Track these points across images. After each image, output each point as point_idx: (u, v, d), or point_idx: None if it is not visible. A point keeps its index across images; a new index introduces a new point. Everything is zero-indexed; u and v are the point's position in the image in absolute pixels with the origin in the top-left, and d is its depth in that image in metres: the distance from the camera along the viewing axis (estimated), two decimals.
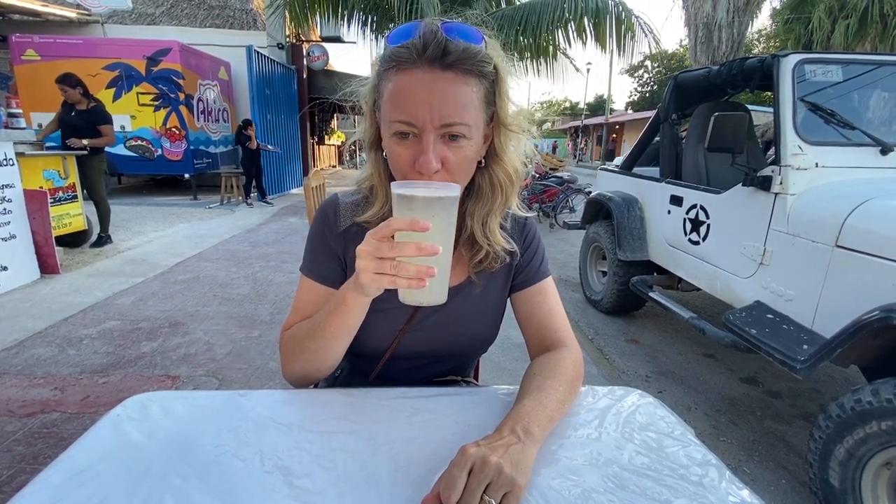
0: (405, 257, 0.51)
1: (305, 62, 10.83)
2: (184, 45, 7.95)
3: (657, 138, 3.23)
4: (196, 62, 8.34)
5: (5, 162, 3.31)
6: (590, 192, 4.12)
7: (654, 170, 3.24)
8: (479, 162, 0.69)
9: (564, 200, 6.67)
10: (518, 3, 7.32)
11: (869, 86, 2.12)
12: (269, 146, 7.87)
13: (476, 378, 1.03)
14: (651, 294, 2.79)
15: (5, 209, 3.25)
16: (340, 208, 0.77)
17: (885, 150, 1.94)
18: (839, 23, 9.50)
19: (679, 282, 2.90)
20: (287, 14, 7.16)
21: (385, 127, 0.63)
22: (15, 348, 2.43)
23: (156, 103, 7.94)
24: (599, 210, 3.51)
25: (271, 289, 3.52)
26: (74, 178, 4.21)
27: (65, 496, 0.47)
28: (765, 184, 2.01)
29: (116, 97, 7.79)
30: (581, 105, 36.88)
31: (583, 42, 7.05)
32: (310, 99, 11.16)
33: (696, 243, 2.50)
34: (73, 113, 4.26)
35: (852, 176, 1.91)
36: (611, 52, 7.10)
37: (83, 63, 7.53)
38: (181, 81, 7.88)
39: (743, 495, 0.51)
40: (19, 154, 3.48)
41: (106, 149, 4.49)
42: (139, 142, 8.03)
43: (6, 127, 3.85)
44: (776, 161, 1.98)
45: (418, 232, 0.50)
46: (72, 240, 4.26)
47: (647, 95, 32.91)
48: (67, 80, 4.20)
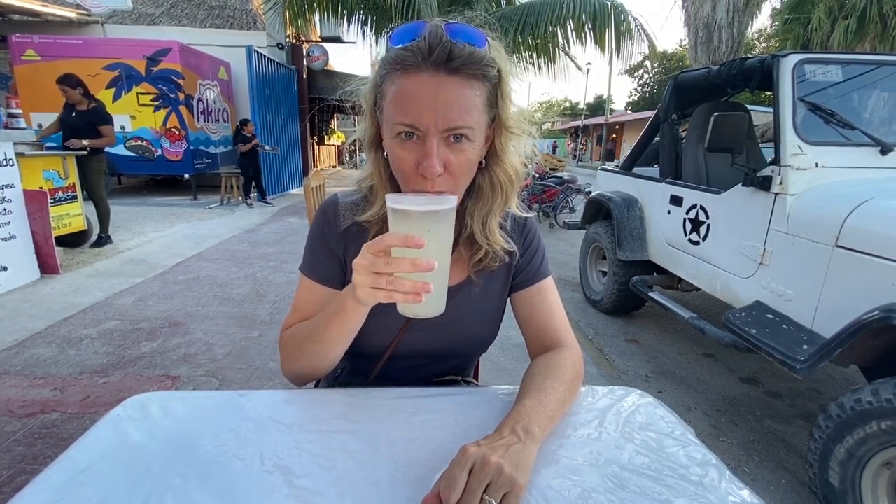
0: (401, 272, 0.51)
1: (305, 62, 10.83)
2: (184, 46, 7.95)
3: (657, 138, 3.23)
4: (196, 62, 8.34)
5: (5, 162, 3.31)
6: (590, 192, 4.12)
7: (654, 170, 3.24)
8: (480, 162, 0.69)
9: (564, 200, 6.67)
10: (518, 3, 7.33)
11: (869, 86, 2.12)
12: (267, 146, 7.83)
13: (476, 378, 1.03)
14: (651, 294, 2.79)
15: (5, 209, 3.25)
16: (340, 208, 0.77)
17: (885, 150, 1.94)
18: (839, 23, 9.50)
19: (679, 282, 2.90)
20: (286, 14, 7.16)
21: (388, 128, 0.63)
22: (15, 348, 2.43)
23: (156, 103, 7.94)
24: (599, 210, 3.51)
25: (271, 289, 3.52)
26: (74, 179, 4.21)
27: (65, 496, 0.47)
28: (765, 184, 2.01)
29: (116, 97, 7.79)
30: (581, 105, 36.88)
31: (582, 43, 7.07)
32: (310, 99, 11.16)
33: (696, 243, 2.50)
34: (74, 114, 4.25)
35: (852, 176, 1.91)
36: (610, 53, 7.10)
37: (83, 63, 7.53)
38: (181, 81, 7.88)
39: (743, 495, 0.51)
40: (19, 154, 3.48)
41: (106, 149, 4.48)
42: (139, 142, 8.03)
43: (6, 127, 3.85)
44: (776, 161, 1.98)
45: (417, 247, 0.50)
46: (72, 240, 4.26)
47: (647, 96, 32.91)
48: (68, 81, 4.19)
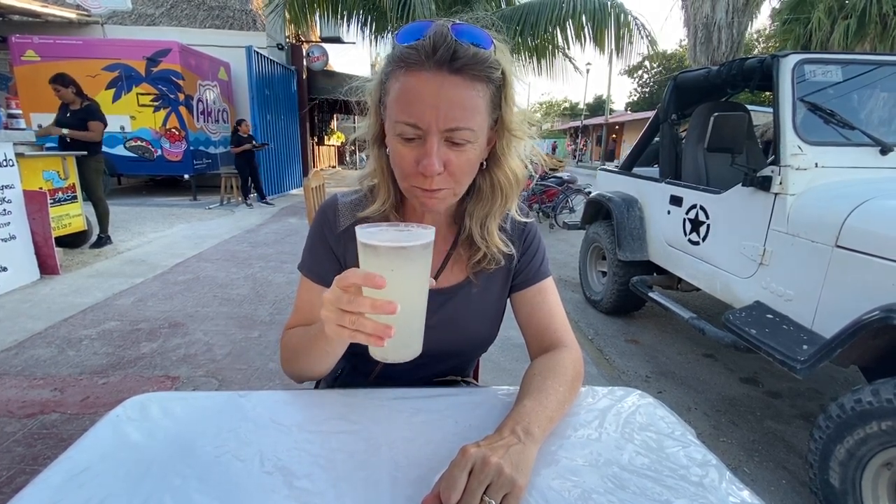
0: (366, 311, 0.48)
1: (305, 63, 10.84)
2: (183, 46, 7.95)
3: (657, 138, 3.23)
4: (196, 63, 8.34)
5: (5, 163, 3.30)
6: (589, 193, 4.12)
7: (654, 170, 3.24)
8: (481, 164, 0.69)
9: (564, 201, 6.67)
10: (518, 4, 7.34)
11: (868, 86, 2.12)
12: (255, 143, 7.69)
13: (476, 378, 1.03)
14: (651, 294, 2.79)
15: (5, 210, 3.25)
16: (340, 208, 0.77)
17: (885, 150, 1.94)
18: (838, 23, 9.50)
19: (679, 282, 2.90)
20: (286, 14, 7.16)
21: (390, 126, 0.63)
22: (14, 349, 2.43)
23: (155, 104, 7.94)
24: (599, 210, 3.51)
25: (271, 289, 3.52)
26: (74, 179, 4.20)
27: (64, 497, 0.47)
28: (764, 184, 2.01)
29: (116, 98, 7.79)
30: (581, 105, 36.89)
31: (581, 43, 7.07)
32: (310, 99, 11.16)
33: (696, 243, 2.50)
34: (68, 114, 4.27)
35: (852, 176, 1.91)
36: (609, 53, 7.11)
37: (83, 64, 7.53)
38: (181, 82, 7.88)
39: (743, 496, 0.51)
40: (19, 155, 3.48)
41: (105, 149, 4.49)
42: (139, 142, 8.03)
43: (6, 128, 3.85)
44: (776, 161, 1.98)
45: (377, 288, 0.47)
46: (71, 240, 4.25)
47: (647, 96, 32.92)
48: (60, 80, 4.20)
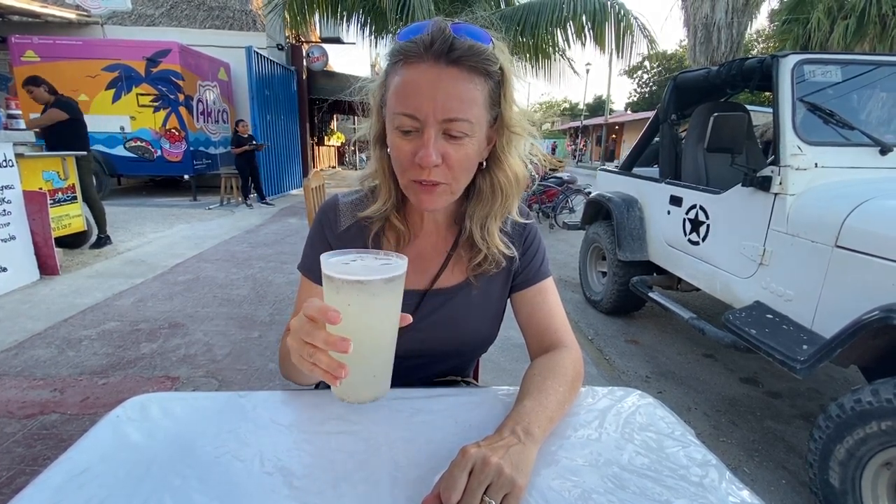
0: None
1: (305, 63, 10.83)
2: (183, 46, 7.95)
3: (657, 139, 3.23)
4: (196, 63, 8.34)
5: (5, 163, 3.30)
6: (589, 193, 4.12)
7: (654, 170, 3.24)
8: (481, 164, 0.69)
9: (564, 201, 6.67)
10: (517, 4, 7.34)
11: (868, 86, 2.12)
12: (254, 143, 7.69)
13: (476, 378, 1.03)
14: (651, 294, 2.79)
15: (5, 210, 3.25)
16: (340, 209, 0.77)
17: (885, 151, 1.94)
18: (838, 23, 9.50)
19: (679, 282, 2.90)
20: (286, 15, 7.16)
21: (389, 120, 0.63)
22: (14, 349, 2.43)
23: (155, 104, 7.93)
24: (599, 210, 3.51)
25: (271, 290, 3.52)
26: (74, 180, 4.20)
27: (65, 497, 0.47)
28: (764, 184, 2.01)
29: (116, 98, 7.79)
30: (580, 106, 36.90)
31: (582, 43, 7.07)
32: (310, 100, 11.16)
33: (696, 243, 2.50)
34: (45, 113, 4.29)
35: (852, 176, 1.91)
36: (610, 53, 7.11)
37: (83, 64, 7.54)
38: (181, 82, 7.88)
39: (743, 496, 0.51)
40: (19, 155, 3.48)
41: (105, 149, 4.49)
42: (139, 143, 8.03)
43: (6, 128, 3.85)
44: (775, 161, 1.98)
45: (331, 323, 0.44)
46: (71, 241, 4.25)
47: (647, 96, 32.93)
48: (32, 82, 4.26)
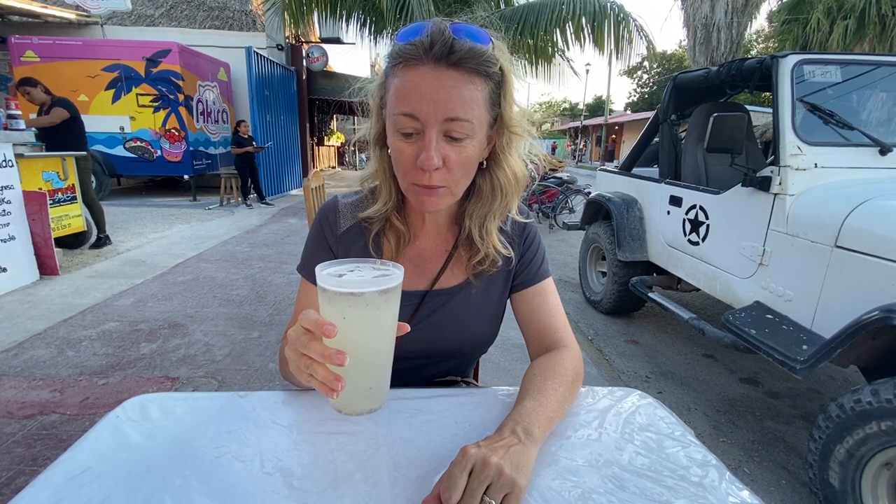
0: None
1: (305, 63, 10.83)
2: (183, 47, 7.95)
3: (656, 139, 3.23)
4: (195, 63, 8.34)
5: (4, 163, 3.30)
6: (589, 193, 4.12)
7: (654, 170, 3.24)
8: (481, 164, 0.69)
9: (564, 201, 6.67)
10: (517, 4, 7.34)
11: (867, 86, 2.12)
12: (255, 145, 7.70)
13: (476, 379, 1.03)
14: (650, 294, 2.79)
15: (4, 210, 3.25)
16: (340, 210, 0.77)
17: (884, 151, 1.94)
18: (837, 24, 9.52)
19: (678, 282, 2.90)
20: (285, 15, 7.16)
21: (390, 122, 0.63)
22: (14, 350, 2.42)
23: (155, 104, 7.94)
24: (599, 211, 3.51)
25: (271, 290, 3.52)
26: (74, 180, 4.20)
27: (64, 498, 0.47)
28: (764, 184, 2.01)
29: (116, 98, 7.79)
30: (580, 106, 36.92)
31: (581, 44, 7.08)
32: (309, 100, 11.15)
33: (696, 244, 2.50)
34: (41, 115, 4.29)
35: (851, 176, 1.92)
36: (609, 54, 7.12)
37: (82, 64, 7.54)
38: (180, 83, 7.88)
39: (743, 496, 0.51)
40: (18, 155, 3.48)
41: (106, 150, 4.50)
42: (138, 143, 8.03)
43: (5, 128, 3.84)
44: (775, 161, 1.98)
45: (327, 337, 0.44)
46: (71, 241, 4.25)
47: (646, 96, 32.93)
48: (28, 83, 4.26)
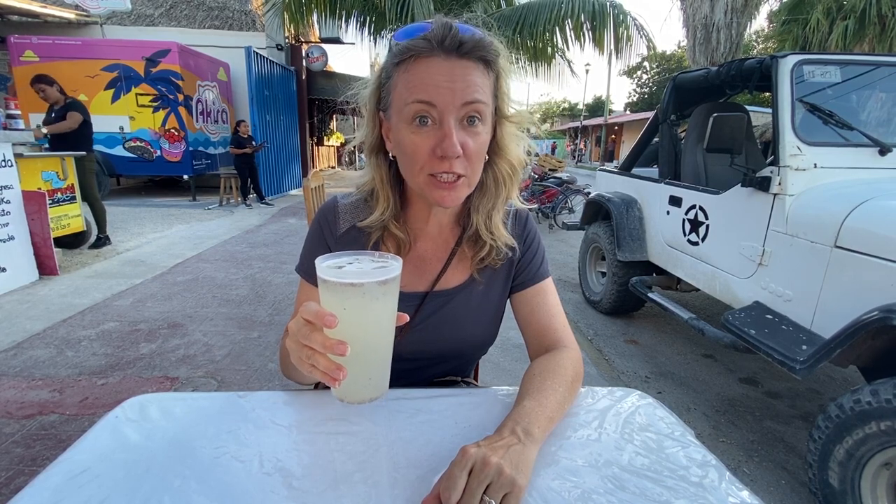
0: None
1: (304, 63, 10.83)
2: (183, 47, 7.95)
3: (656, 139, 3.23)
4: (195, 63, 8.34)
5: (4, 163, 3.30)
6: (589, 193, 4.13)
7: (653, 170, 3.24)
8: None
9: (563, 201, 6.67)
10: (517, 4, 7.35)
11: (867, 86, 2.12)
12: (254, 144, 7.69)
13: (476, 379, 1.03)
14: (650, 295, 2.79)
15: (4, 210, 3.25)
16: (339, 211, 0.77)
17: (884, 151, 1.94)
18: (837, 24, 9.52)
19: (678, 282, 2.90)
20: (285, 15, 7.16)
21: (400, 115, 0.63)
22: (13, 350, 2.42)
23: (155, 104, 7.94)
24: (598, 211, 3.51)
25: (270, 290, 3.52)
26: (73, 180, 4.20)
27: (64, 498, 0.47)
28: (763, 184, 2.01)
29: (115, 98, 7.79)
30: (580, 106, 36.95)
31: (581, 44, 7.08)
32: (309, 100, 11.15)
33: (695, 244, 2.50)
34: (53, 114, 4.26)
35: (851, 176, 1.92)
36: (608, 54, 7.12)
37: (82, 64, 7.53)
38: (180, 82, 7.88)
39: (743, 496, 0.51)
40: (18, 155, 3.48)
41: (105, 150, 4.49)
42: (138, 143, 8.03)
43: (4, 128, 3.85)
44: (775, 162, 1.98)
45: (328, 327, 0.45)
46: (70, 241, 4.25)
47: (646, 96, 32.95)
48: (44, 80, 4.19)
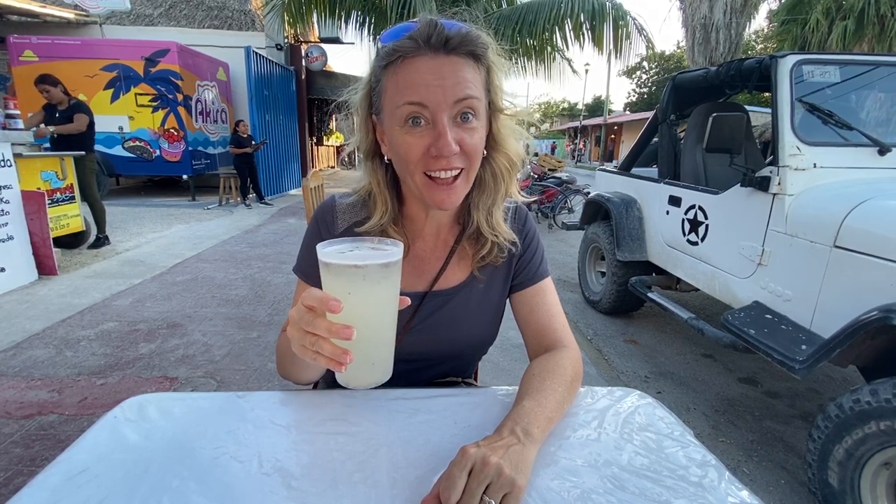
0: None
1: (304, 63, 10.83)
2: (182, 46, 7.95)
3: (655, 139, 3.23)
4: (194, 63, 8.34)
5: (3, 163, 3.30)
6: (588, 193, 4.13)
7: (653, 170, 3.25)
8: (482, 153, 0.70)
9: (563, 201, 6.68)
10: (517, 3, 7.36)
11: (866, 86, 2.12)
12: (254, 143, 7.67)
13: (475, 380, 1.03)
14: (650, 294, 2.79)
15: (3, 210, 3.24)
16: (338, 210, 0.77)
17: (883, 151, 1.94)
18: (836, 24, 9.52)
19: (678, 282, 2.90)
20: (285, 15, 7.16)
21: (392, 118, 0.63)
22: (12, 350, 2.42)
23: (154, 104, 7.93)
24: (598, 211, 3.51)
25: (270, 290, 3.51)
26: (72, 180, 4.19)
27: (63, 498, 0.47)
28: (763, 184, 2.01)
29: (114, 98, 7.78)
30: (579, 106, 36.97)
31: (580, 44, 7.09)
32: (308, 100, 11.15)
33: (695, 244, 2.50)
34: (57, 114, 4.25)
35: (850, 176, 1.92)
36: (608, 54, 7.12)
37: (81, 64, 7.53)
38: (179, 82, 7.87)
39: (742, 496, 0.51)
40: (17, 155, 3.48)
41: (105, 149, 4.48)
42: (137, 143, 8.02)
43: (4, 128, 3.84)
44: (774, 162, 1.98)
45: (332, 312, 0.45)
46: (69, 241, 4.25)
47: (645, 96, 32.98)
48: (48, 80, 4.17)
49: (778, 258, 1.96)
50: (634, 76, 34.19)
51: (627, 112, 32.52)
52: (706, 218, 2.41)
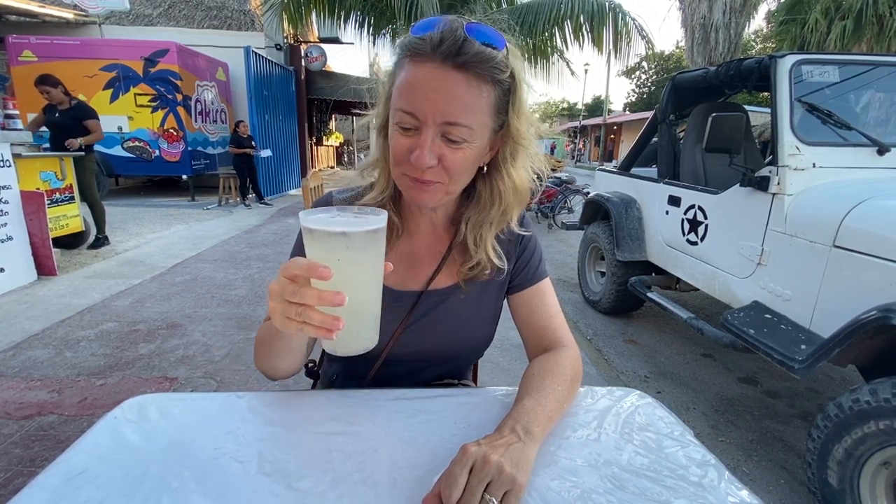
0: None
1: (303, 63, 10.82)
2: (181, 46, 7.94)
3: (655, 139, 3.24)
4: (194, 63, 8.34)
5: (2, 163, 3.29)
6: (588, 193, 4.13)
7: (652, 170, 3.25)
8: (481, 168, 0.68)
9: (563, 201, 6.68)
10: (517, 3, 7.36)
11: (865, 86, 2.13)
12: (263, 152, 7.70)
13: (475, 381, 1.03)
14: (649, 294, 2.80)
15: (2, 210, 3.24)
16: (335, 204, 0.76)
17: (882, 151, 1.94)
18: (835, 24, 9.53)
19: (677, 282, 2.90)
20: (284, 15, 7.16)
21: (391, 114, 0.63)
22: (12, 350, 2.42)
23: (153, 104, 7.93)
24: (598, 210, 3.51)
25: None
26: (71, 180, 4.19)
27: (62, 499, 0.47)
28: (762, 184, 2.01)
29: (114, 98, 7.78)
30: (579, 106, 36.99)
31: (580, 44, 7.09)
32: (308, 100, 11.14)
33: (695, 244, 2.50)
34: (57, 114, 4.22)
35: (849, 176, 1.92)
36: (607, 54, 7.13)
37: (80, 64, 7.52)
38: (179, 82, 7.87)
39: (742, 495, 0.51)
40: (16, 155, 3.47)
41: (104, 149, 4.47)
42: (137, 143, 8.02)
43: (3, 128, 3.84)
44: (773, 161, 1.98)
45: (322, 279, 0.45)
46: (69, 241, 4.24)
47: (645, 96, 32.99)
48: (49, 81, 4.13)
49: (777, 258, 1.96)
50: (634, 76, 34.20)
51: (627, 112, 32.55)
52: (706, 218, 2.41)
